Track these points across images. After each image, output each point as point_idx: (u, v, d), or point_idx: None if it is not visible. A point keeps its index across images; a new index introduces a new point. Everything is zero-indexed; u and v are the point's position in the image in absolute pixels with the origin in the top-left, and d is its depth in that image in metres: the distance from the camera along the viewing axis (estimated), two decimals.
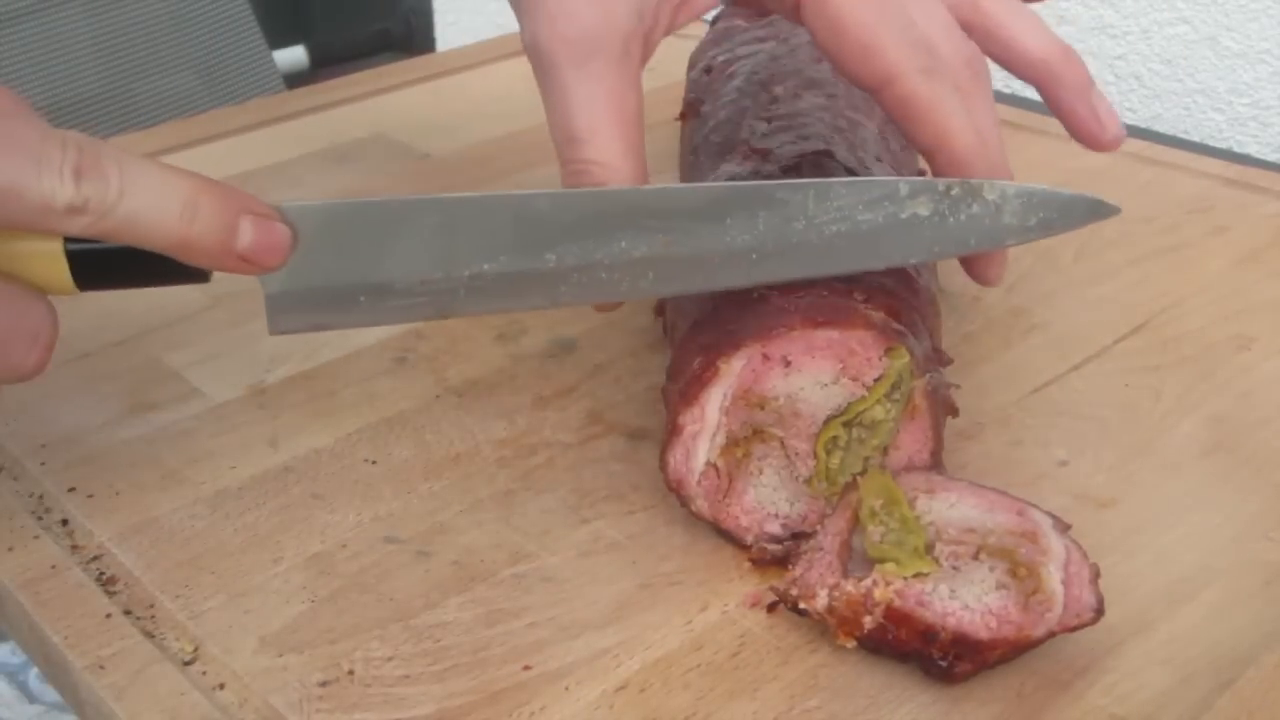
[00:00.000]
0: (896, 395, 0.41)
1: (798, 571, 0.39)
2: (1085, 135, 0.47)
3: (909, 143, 0.43)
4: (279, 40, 1.27)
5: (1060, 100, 0.46)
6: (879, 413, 0.41)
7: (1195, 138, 0.91)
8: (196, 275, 0.37)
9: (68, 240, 0.36)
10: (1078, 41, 0.95)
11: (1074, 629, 0.37)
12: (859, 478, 0.41)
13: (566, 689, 0.37)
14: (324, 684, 0.38)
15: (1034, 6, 0.48)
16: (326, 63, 1.64)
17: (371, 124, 0.79)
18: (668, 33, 0.44)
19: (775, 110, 0.53)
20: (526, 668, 0.38)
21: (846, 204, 0.41)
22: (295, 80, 0.98)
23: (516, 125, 0.78)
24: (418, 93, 0.85)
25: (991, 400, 0.51)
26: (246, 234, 0.36)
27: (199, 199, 0.35)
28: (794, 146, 0.49)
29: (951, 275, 0.51)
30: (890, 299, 0.42)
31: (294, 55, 1.64)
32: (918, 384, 0.41)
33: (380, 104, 0.83)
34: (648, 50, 0.43)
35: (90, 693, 0.38)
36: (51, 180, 0.33)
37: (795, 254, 0.41)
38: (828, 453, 0.42)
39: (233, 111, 0.81)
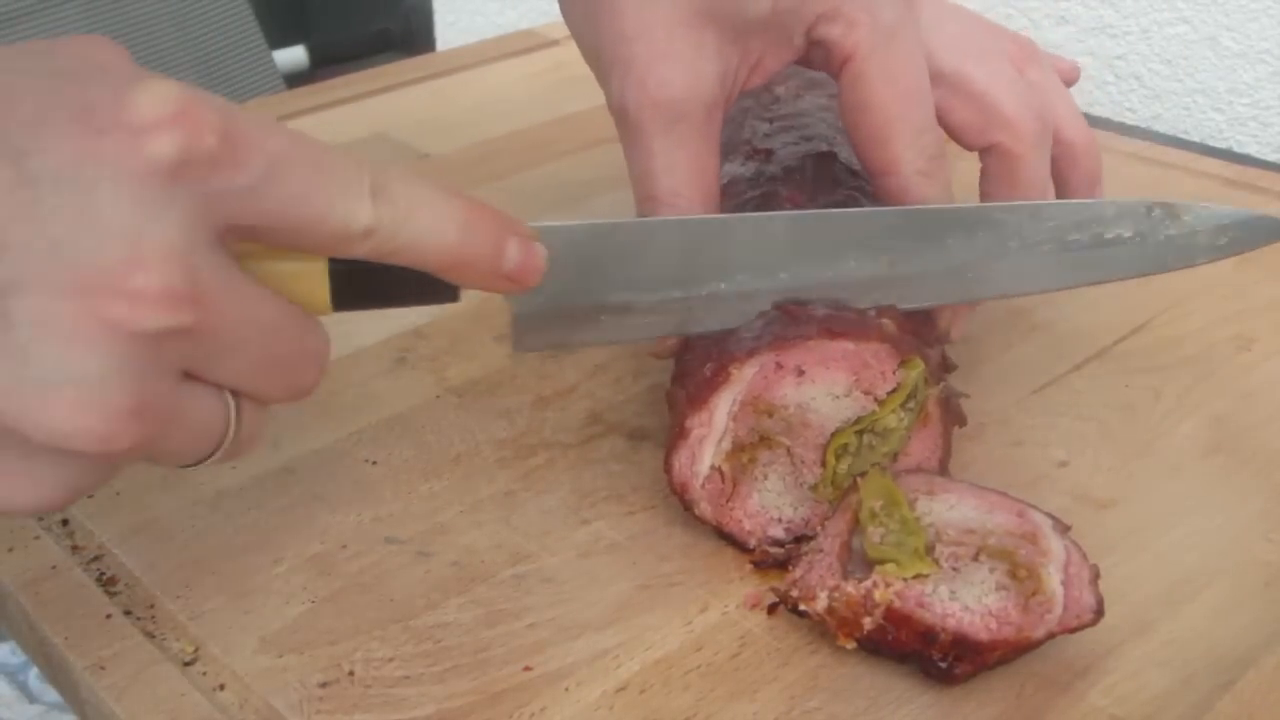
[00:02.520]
0: (911, 404, 0.41)
1: (798, 573, 0.39)
2: None
3: None
4: (279, 40, 1.27)
5: (1070, 182, 0.51)
6: (892, 421, 0.41)
7: (1195, 138, 0.91)
8: (446, 295, 0.37)
9: (331, 261, 0.35)
10: (1077, 41, 0.95)
11: (1074, 630, 0.37)
12: (859, 479, 0.41)
13: (567, 690, 0.37)
14: (324, 685, 0.38)
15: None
16: (326, 63, 1.63)
17: (371, 124, 0.79)
18: (743, 93, 0.45)
19: (777, 110, 0.53)
20: (527, 669, 0.38)
21: (1057, 225, 0.43)
22: (295, 80, 0.98)
23: (516, 125, 0.78)
24: (418, 93, 0.85)
25: (992, 401, 0.51)
26: (514, 254, 0.36)
27: (474, 220, 0.35)
28: (796, 147, 0.49)
29: None
30: (902, 310, 0.42)
31: (294, 55, 1.64)
32: (931, 392, 0.41)
33: (380, 104, 0.83)
34: (726, 113, 0.45)
35: (91, 693, 0.38)
36: (353, 203, 0.33)
37: (1009, 272, 0.43)
38: (837, 458, 0.42)
39: None
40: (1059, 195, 0.51)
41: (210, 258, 0.31)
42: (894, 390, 0.41)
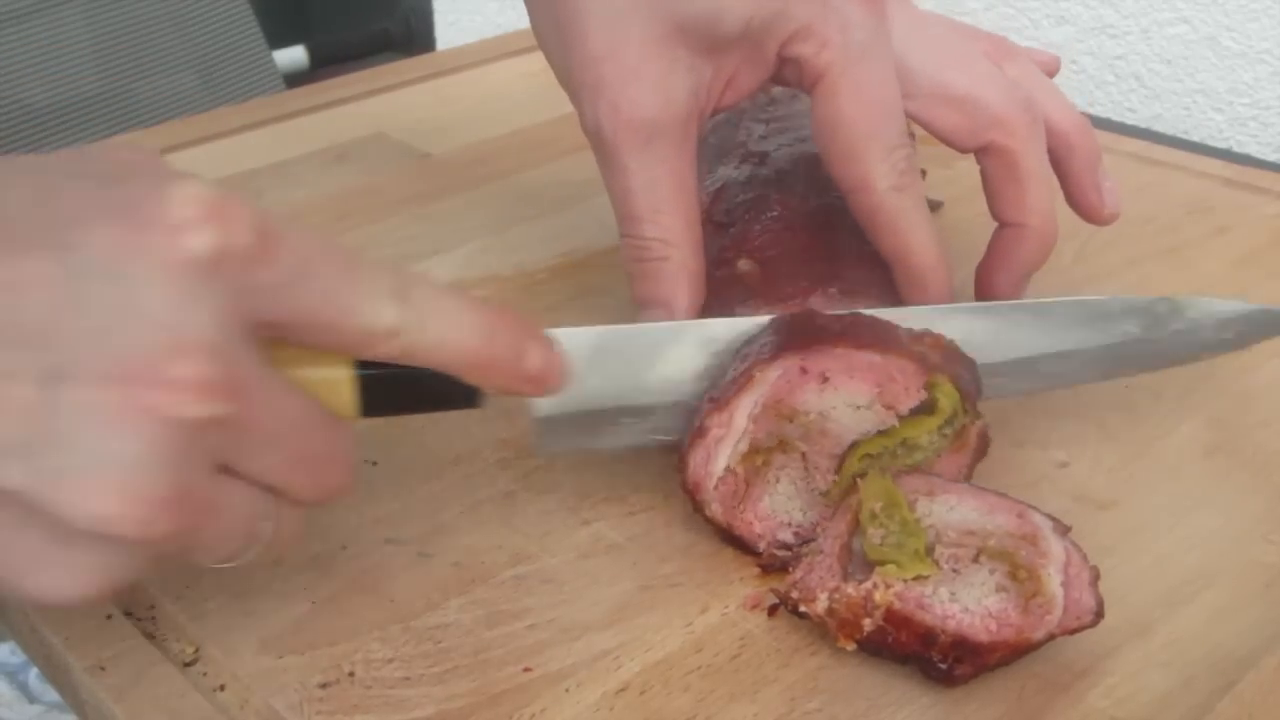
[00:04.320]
0: (948, 430, 0.41)
1: (798, 574, 0.39)
2: (1085, 204, 0.51)
3: (876, 248, 0.45)
4: (279, 40, 1.27)
5: (1070, 169, 0.50)
6: (924, 440, 0.41)
7: (1195, 138, 0.91)
8: (471, 400, 0.38)
9: (357, 368, 0.36)
10: (1077, 41, 0.95)
11: (1074, 631, 0.37)
12: (860, 480, 0.41)
13: (567, 691, 0.37)
14: (324, 685, 0.38)
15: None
16: (326, 63, 1.63)
17: (371, 124, 0.79)
18: (716, 112, 0.45)
19: (773, 112, 0.53)
20: (527, 669, 0.38)
21: (1063, 322, 0.44)
22: (295, 80, 0.98)
23: (516, 125, 0.78)
24: (418, 93, 0.85)
25: (992, 401, 0.51)
26: (536, 356, 0.37)
27: (495, 323, 0.36)
28: (791, 149, 0.49)
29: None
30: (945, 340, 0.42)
31: (294, 55, 1.64)
32: (978, 423, 0.42)
33: (380, 104, 0.83)
34: (701, 127, 0.45)
35: (91, 694, 0.38)
36: (379, 303, 0.34)
37: (1013, 370, 0.44)
38: (859, 462, 0.41)
39: (233, 111, 0.81)
40: (1063, 184, 0.50)
41: (244, 351, 0.32)
42: (932, 411, 0.41)
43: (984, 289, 0.49)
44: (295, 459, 0.34)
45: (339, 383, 0.36)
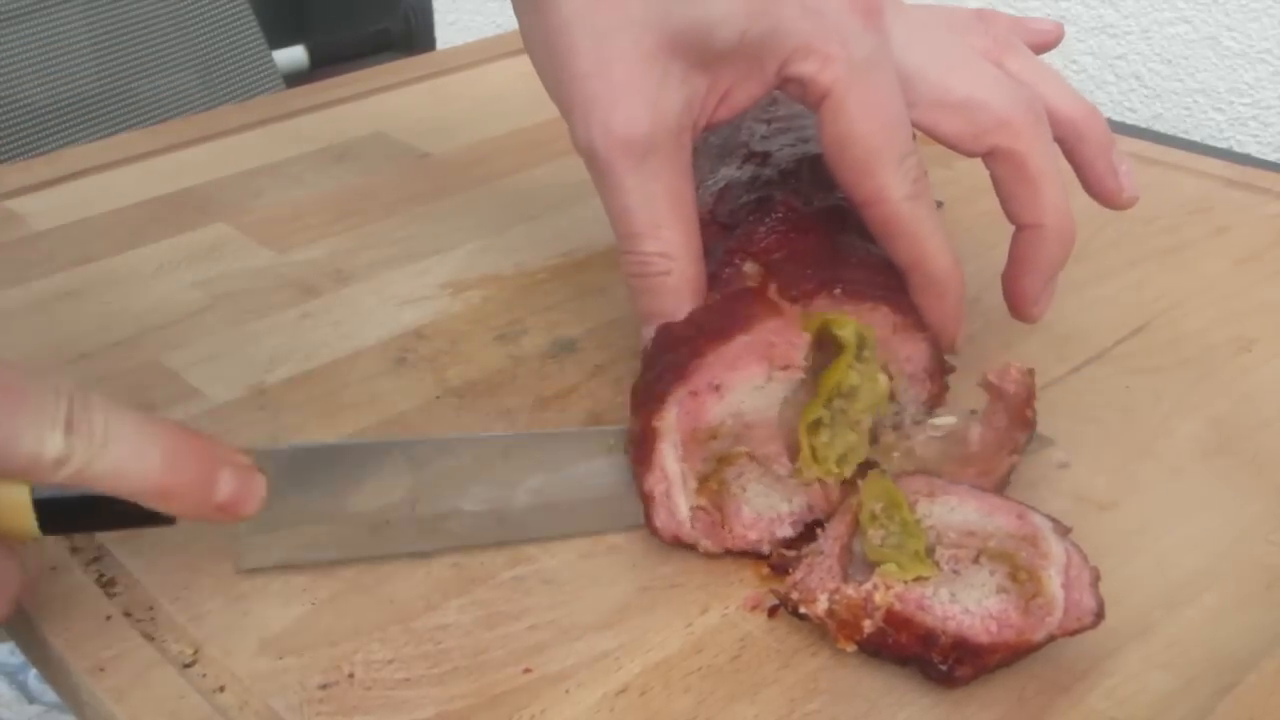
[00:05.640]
0: (867, 354, 0.41)
1: (798, 575, 0.39)
2: (1103, 191, 0.50)
3: (890, 256, 0.45)
4: (279, 40, 1.27)
5: (1083, 157, 0.49)
6: (854, 378, 0.41)
7: (1195, 138, 0.91)
8: (161, 519, 0.37)
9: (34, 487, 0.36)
10: (1078, 41, 0.95)
11: (1074, 633, 0.37)
12: (860, 481, 0.40)
13: (567, 692, 0.37)
14: (324, 686, 0.37)
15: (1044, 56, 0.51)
16: (326, 63, 1.63)
17: (371, 123, 0.79)
18: (710, 126, 0.45)
19: (775, 112, 0.53)
20: (527, 670, 0.38)
21: None
22: (295, 80, 0.98)
23: (516, 125, 0.78)
24: (418, 92, 0.85)
25: None
26: (227, 485, 0.37)
27: (180, 450, 0.36)
28: (793, 149, 0.49)
29: None
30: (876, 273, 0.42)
31: (294, 55, 1.64)
32: (1010, 460, 0.42)
33: (380, 103, 0.83)
34: (695, 138, 0.44)
35: (90, 695, 0.38)
36: (44, 432, 0.33)
37: None
38: (812, 433, 0.41)
39: (233, 111, 0.81)
40: (1078, 174, 0.50)
41: None
42: (840, 350, 0.40)
43: (1013, 296, 0.48)
44: None
45: (14, 506, 0.35)
